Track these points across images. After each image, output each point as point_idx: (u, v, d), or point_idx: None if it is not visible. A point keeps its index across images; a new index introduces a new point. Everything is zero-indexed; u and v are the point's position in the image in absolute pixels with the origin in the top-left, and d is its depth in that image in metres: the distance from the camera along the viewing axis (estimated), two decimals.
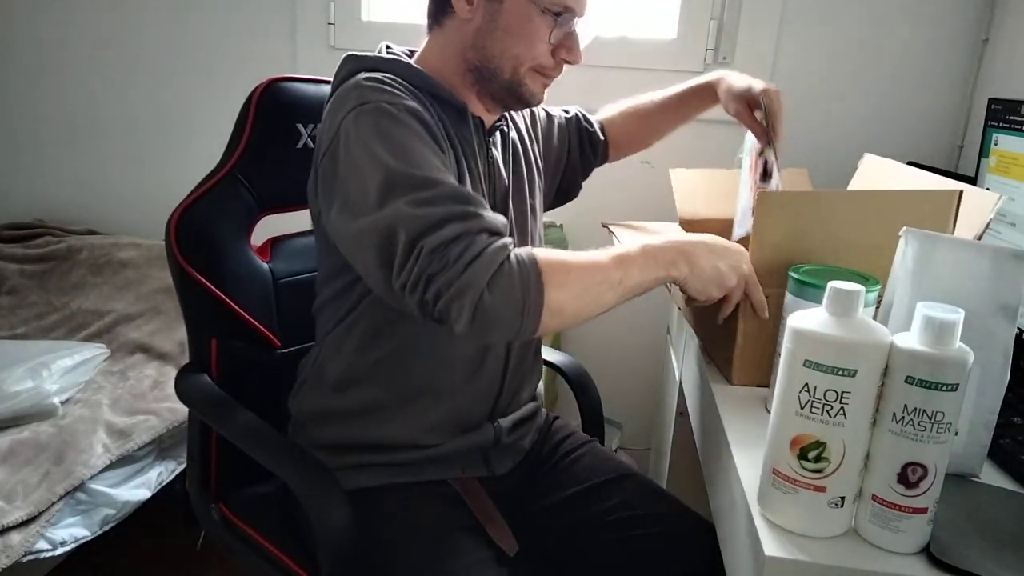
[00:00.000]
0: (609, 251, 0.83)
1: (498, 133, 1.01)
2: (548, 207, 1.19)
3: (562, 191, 1.24)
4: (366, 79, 0.88)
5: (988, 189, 1.11)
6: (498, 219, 0.81)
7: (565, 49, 0.93)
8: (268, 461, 0.94)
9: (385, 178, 0.79)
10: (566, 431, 1.14)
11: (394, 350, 0.96)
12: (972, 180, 1.14)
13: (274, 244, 1.18)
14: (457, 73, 0.95)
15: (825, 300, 0.63)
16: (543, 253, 0.79)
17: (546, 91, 0.97)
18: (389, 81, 0.88)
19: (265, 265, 1.14)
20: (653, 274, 0.82)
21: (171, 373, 1.59)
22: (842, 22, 1.67)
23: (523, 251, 0.79)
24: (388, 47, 0.97)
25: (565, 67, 0.96)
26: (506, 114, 1.03)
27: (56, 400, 1.42)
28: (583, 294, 0.80)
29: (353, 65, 0.93)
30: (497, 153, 1.00)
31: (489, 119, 0.99)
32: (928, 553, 0.62)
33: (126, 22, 2.00)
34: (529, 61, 0.92)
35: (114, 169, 2.14)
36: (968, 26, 1.63)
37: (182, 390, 1.07)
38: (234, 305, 1.08)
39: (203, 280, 1.05)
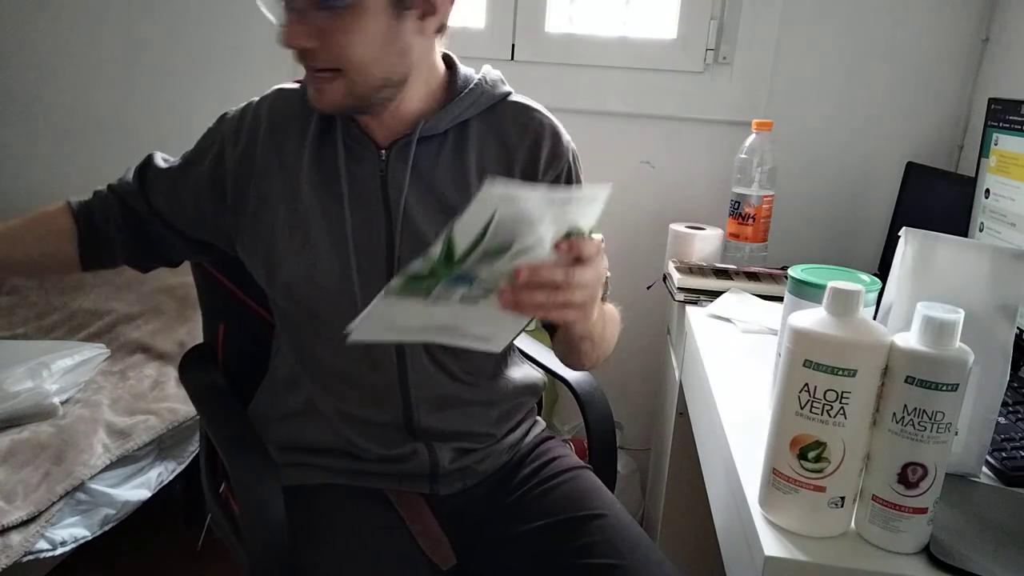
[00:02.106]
0: None
1: (404, 139, 0.91)
2: None
3: None
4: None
5: (988, 190, 1.11)
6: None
7: None
8: (218, 444, 0.96)
9: None
10: (552, 454, 1.03)
11: (302, 346, 0.97)
12: (972, 180, 1.14)
13: None
14: None
15: (825, 300, 0.63)
16: None
17: (312, 79, 0.86)
18: (259, 99, 1.00)
19: None
20: None
21: (171, 373, 1.59)
22: (842, 22, 1.67)
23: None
24: None
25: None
26: (458, 118, 0.93)
27: (56, 400, 1.42)
28: None
29: None
30: (395, 156, 0.91)
31: (374, 127, 0.92)
32: (928, 553, 0.62)
33: (127, 23, 2.00)
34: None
35: (115, 170, 2.10)
36: (968, 26, 1.63)
37: (184, 375, 1.12)
38: (236, 290, 1.12)
39: (210, 268, 1.12)
